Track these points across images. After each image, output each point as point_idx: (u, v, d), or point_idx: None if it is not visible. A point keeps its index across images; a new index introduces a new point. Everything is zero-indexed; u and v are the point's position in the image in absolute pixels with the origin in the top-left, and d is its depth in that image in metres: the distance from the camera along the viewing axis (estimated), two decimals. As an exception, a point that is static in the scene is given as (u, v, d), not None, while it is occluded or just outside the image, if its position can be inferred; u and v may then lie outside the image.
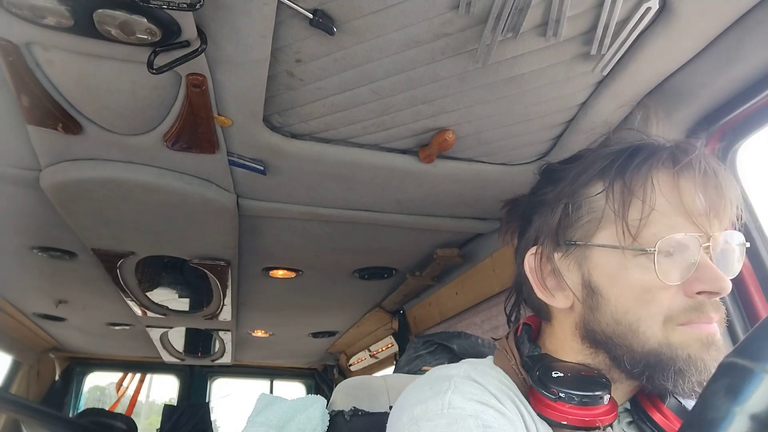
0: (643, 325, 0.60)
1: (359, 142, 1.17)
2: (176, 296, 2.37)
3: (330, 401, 1.04)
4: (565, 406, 0.60)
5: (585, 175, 0.66)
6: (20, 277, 2.21)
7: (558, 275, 0.66)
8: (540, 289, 0.68)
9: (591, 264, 0.64)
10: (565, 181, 0.68)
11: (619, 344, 0.62)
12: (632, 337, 0.61)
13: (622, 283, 0.61)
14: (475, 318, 1.90)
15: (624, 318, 0.61)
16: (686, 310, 0.59)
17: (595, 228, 0.64)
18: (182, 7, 0.70)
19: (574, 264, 0.66)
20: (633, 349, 0.61)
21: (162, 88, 0.96)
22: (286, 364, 4.65)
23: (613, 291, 0.62)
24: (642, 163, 0.62)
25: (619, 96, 1.00)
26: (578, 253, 0.65)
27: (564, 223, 0.66)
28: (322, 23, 0.81)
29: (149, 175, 1.25)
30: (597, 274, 0.63)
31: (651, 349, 0.60)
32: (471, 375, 0.64)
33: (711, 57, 0.88)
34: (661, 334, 0.59)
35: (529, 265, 0.69)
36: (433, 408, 0.58)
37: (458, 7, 0.80)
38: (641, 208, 0.60)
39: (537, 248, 0.69)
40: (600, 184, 0.65)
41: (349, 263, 2.03)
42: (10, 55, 0.86)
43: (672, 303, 0.60)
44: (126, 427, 3.18)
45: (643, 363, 0.60)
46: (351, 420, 0.94)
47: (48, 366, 3.74)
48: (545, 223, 0.69)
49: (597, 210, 0.64)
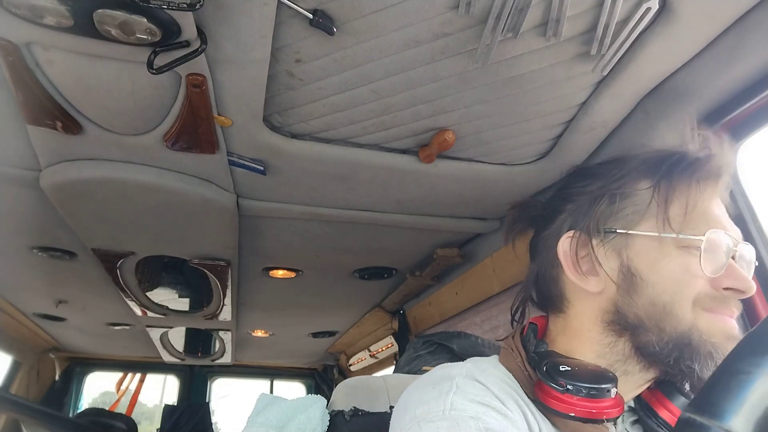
0: (677, 307, 0.64)
1: (359, 142, 1.17)
2: (176, 296, 2.37)
3: (330, 401, 1.04)
4: (573, 398, 0.61)
5: (635, 172, 0.71)
6: (20, 277, 2.21)
7: (594, 260, 0.70)
8: (573, 272, 0.71)
9: (632, 251, 0.68)
10: (607, 176, 0.72)
11: (649, 327, 0.65)
12: (666, 318, 0.64)
13: (663, 268, 0.66)
14: (475, 318, 1.90)
15: (660, 299, 0.65)
16: (712, 299, 0.64)
17: (638, 219, 0.69)
18: (182, 7, 0.70)
19: (612, 251, 0.69)
20: (664, 331, 0.64)
21: (162, 88, 0.96)
22: (286, 364, 4.65)
23: (653, 276, 0.66)
24: (688, 167, 0.68)
25: (619, 96, 1.00)
26: (618, 241, 0.69)
27: (606, 213, 0.70)
28: (322, 23, 0.81)
29: (149, 175, 1.25)
30: (639, 260, 0.67)
31: (683, 331, 0.63)
32: (474, 375, 0.65)
33: (711, 57, 0.88)
34: (690, 316, 0.64)
35: (563, 249, 0.72)
36: (435, 409, 0.59)
37: (458, 7, 0.80)
38: (685, 205, 0.66)
39: (574, 232, 0.72)
40: (647, 181, 0.70)
41: (349, 263, 2.03)
42: (10, 55, 0.86)
43: (702, 289, 0.64)
44: (126, 427, 3.18)
45: (673, 344, 0.64)
46: (351, 420, 0.94)
47: (48, 366, 3.74)
48: (584, 211, 0.72)
49: (641, 203, 0.69)
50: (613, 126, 1.09)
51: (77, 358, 4.02)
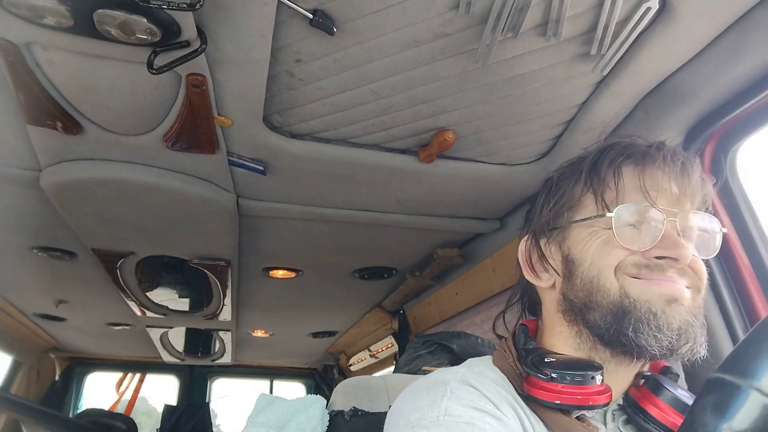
0: (602, 278, 0.67)
1: (359, 142, 1.17)
2: (176, 296, 2.37)
3: (330, 401, 1.04)
4: (558, 386, 0.63)
5: (566, 172, 0.78)
6: (20, 277, 2.21)
7: (542, 258, 0.76)
8: (527, 272, 0.78)
9: (570, 241, 0.73)
10: (548, 181, 0.80)
11: (590, 306, 0.68)
12: (597, 292, 0.67)
13: (590, 246, 0.69)
14: (475, 318, 1.90)
15: (588, 275, 0.68)
16: (637, 265, 0.66)
17: (573, 212, 0.74)
18: (182, 7, 0.70)
19: (555, 245, 0.75)
20: (600, 304, 0.66)
21: (162, 88, 0.96)
22: (286, 364, 4.65)
23: (583, 256, 0.70)
24: (614, 158, 0.72)
25: (619, 96, 1.00)
26: (559, 235, 0.74)
27: (549, 214, 0.76)
28: (322, 23, 0.81)
29: (149, 175, 1.25)
30: (573, 246, 0.72)
31: (613, 300, 0.65)
32: (468, 380, 0.66)
33: (711, 57, 0.88)
34: (617, 283, 0.66)
35: (520, 252, 0.80)
36: (430, 415, 0.60)
37: (458, 7, 0.80)
38: (615, 190, 0.70)
39: (528, 236, 0.79)
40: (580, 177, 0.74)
41: (349, 263, 2.03)
42: (10, 55, 0.86)
43: (626, 258, 0.67)
44: (126, 427, 3.18)
45: (611, 316, 0.65)
46: (351, 420, 0.94)
47: (48, 366, 3.74)
48: (533, 216, 0.80)
49: (575, 197, 0.74)
50: (613, 126, 1.09)
51: (77, 358, 4.02)
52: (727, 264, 0.99)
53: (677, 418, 0.65)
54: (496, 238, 1.66)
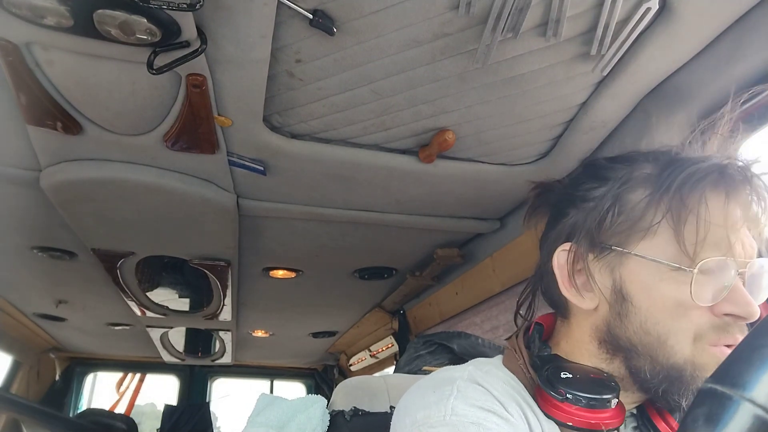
0: (672, 339, 0.60)
1: (359, 142, 1.17)
2: (176, 296, 2.37)
3: (330, 401, 1.04)
4: (572, 408, 0.60)
5: (633, 181, 0.65)
6: (20, 277, 2.21)
7: (589, 276, 0.65)
8: (567, 287, 0.67)
9: (625, 271, 0.63)
10: (612, 181, 0.66)
11: (642, 354, 0.62)
12: (659, 348, 0.60)
13: (656, 294, 0.61)
14: (475, 318, 1.90)
15: (654, 329, 0.61)
16: (714, 328, 0.59)
17: (636, 236, 0.63)
18: (182, 8, 0.70)
19: (606, 268, 0.65)
20: (657, 361, 0.61)
21: (162, 88, 0.96)
22: (286, 364, 4.65)
23: (646, 302, 0.61)
24: (697, 180, 0.60)
25: (619, 96, 1.00)
26: (613, 258, 0.64)
27: (604, 225, 0.64)
28: (322, 23, 0.81)
29: (149, 175, 1.25)
30: (630, 281, 0.63)
31: (675, 363, 0.60)
32: (475, 378, 0.64)
33: (711, 57, 0.88)
34: (689, 351, 0.59)
35: (559, 261, 0.68)
36: (436, 414, 0.58)
37: (458, 7, 0.80)
38: (695, 227, 0.59)
39: (571, 245, 0.67)
40: (647, 191, 0.63)
41: (349, 263, 2.03)
42: (10, 55, 0.86)
43: (700, 320, 0.59)
44: (126, 427, 3.18)
45: (663, 375, 0.60)
46: (351, 420, 0.94)
47: (48, 366, 3.74)
48: (584, 220, 0.67)
49: (642, 219, 0.62)
50: (613, 126, 1.09)
51: (77, 358, 4.02)
52: (727, 264, 0.99)
53: None
54: (496, 238, 1.66)
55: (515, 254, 1.56)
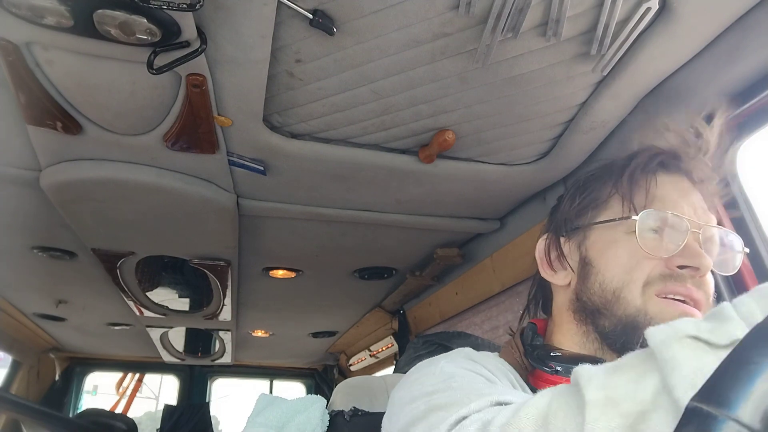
0: (625, 291, 0.66)
1: (359, 142, 1.17)
2: (176, 296, 2.37)
3: (330, 401, 1.04)
4: (562, 379, 0.64)
5: (595, 171, 0.78)
6: (20, 277, 2.21)
7: (561, 255, 0.76)
8: (545, 269, 0.78)
9: (588, 242, 0.73)
10: (579, 181, 0.79)
11: (604, 312, 0.68)
12: (615, 303, 0.67)
13: (611, 253, 0.69)
14: (475, 318, 1.90)
15: (610, 285, 0.68)
16: (663, 277, 0.66)
17: (597, 213, 0.73)
18: (182, 8, 0.70)
19: (575, 245, 0.75)
20: (615, 315, 0.67)
21: (162, 88, 0.96)
22: (286, 364, 4.65)
23: (602, 261, 0.70)
24: (648, 163, 0.71)
25: (619, 96, 1.00)
26: (580, 235, 0.75)
27: (572, 212, 0.76)
28: (322, 23, 0.81)
29: (149, 175, 1.25)
30: (592, 249, 0.72)
31: (629, 313, 0.65)
32: (470, 355, 0.69)
33: (711, 57, 0.88)
34: (640, 300, 0.65)
35: (538, 249, 0.80)
36: (425, 372, 0.62)
37: (458, 7, 0.80)
38: (644, 195, 0.69)
39: (548, 234, 0.80)
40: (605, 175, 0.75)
41: (349, 263, 2.03)
42: (10, 55, 0.86)
43: (652, 271, 0.66)
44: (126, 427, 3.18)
45: (621, 328, 0.66)
46: (351, 420, 0.94)
47: (48, 366, 3.74)
48: (555, 215, 0.80)
49: (601, 198, 0.74)
50: (613, 126, 1.09)
51: (77, 358, 4.02)
52: (727, 264, 0.99)
53: None
54: (496, 238, 1.66)
55: (515, 254, 1.56)
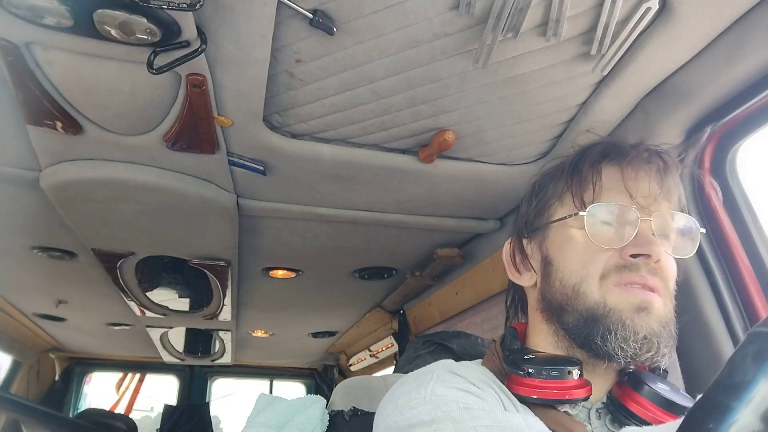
0: (583, 285, 0.68)
1: (359, 142, 1.17)
2: (176, 296, 2.37)
3: (330, 401, 1.04)
4: (535, 381, 0.65)
5: (551, 173, 0.79)
6: (20, 277, 2.21)
7: (524, 259, 0.78)
8: (511, 272, 0.80)
9: (548, 241, 0.75)
10: (536, 182, 0.81)
11: (566, 309, 0.69)
12: (575, 298, 0.68)
13: (567, 250, 0.71)
14: (475, 318, 1.90)
15: (569, 281, 0.69)
16: (619, 268, 0.67)
17: (553, 212, 0.75)
18: (182, 7, 0.70)
19: (536, 246, 0.77)
20: (576, 310, 0.68)
21: (162, 88, 0.96)
22: (286, 364, 4.65)
23: (561, 258, 0.71)
24: (594, 158, 0.73)
25: (619, 96, 1.00)
26: (540, 235, 0.76)
27: (530, 214, 0.78)
28: (322, 23, 0.81)
29: (149, 175, 1.25)
30: (551, 247, 0.74)
31: (589, 306, 0.66)
32: (452, 369, 0.68)
33: (711, 57, 0.88)
34: (598, 293, 0.67)
35: (504, 253, 0.82)
36: (417, 397, 0.62)
37: (458, 7, 0.80)
38: (592, 189, 0.70)
39: (511, 238, 0.82)
40: (555, 175, 0.77)
41: (349, 263, 2.03)
42: (10, 55, 0.86)
43: (607, 262, 0.67)
44: (126, 427, 3.18)
45: (582, 321, 0.67)
46: (351, 420, 0.94)
47: (48, 366, 3.74)
48: (517, 218, 0.83)
49: (555, 197, 0.75)
50: (613, 126, 1.09)
51: (77, 358, 4.02)
52: (727, 264, 0.99)
53: (658, 412, 0.66)
54: (496, 238, 1.66)
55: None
